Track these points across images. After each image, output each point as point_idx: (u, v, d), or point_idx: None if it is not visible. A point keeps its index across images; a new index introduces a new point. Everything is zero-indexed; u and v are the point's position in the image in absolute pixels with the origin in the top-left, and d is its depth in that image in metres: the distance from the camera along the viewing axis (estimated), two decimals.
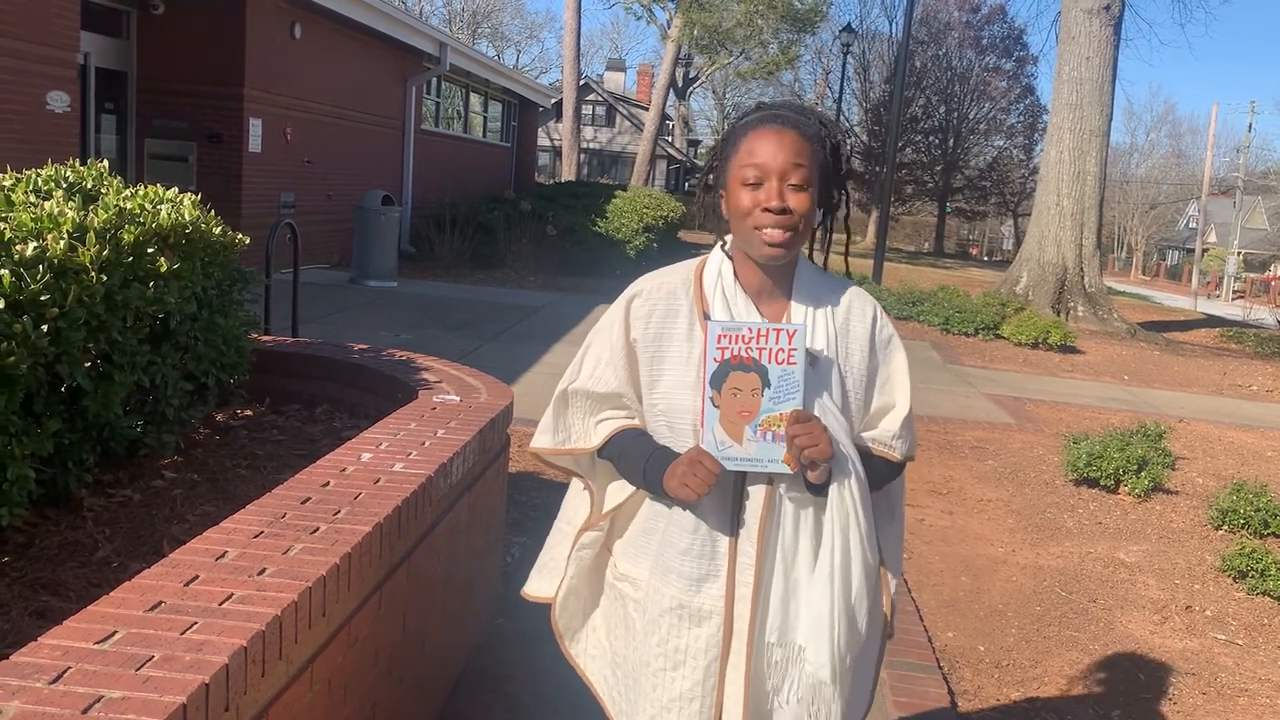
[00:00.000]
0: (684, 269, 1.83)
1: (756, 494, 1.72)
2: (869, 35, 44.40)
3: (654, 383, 1.76)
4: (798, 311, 1.75)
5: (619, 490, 1.88)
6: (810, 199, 1.68)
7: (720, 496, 1.72)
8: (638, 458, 1.78)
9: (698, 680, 1.77)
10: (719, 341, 1.61)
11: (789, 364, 1.62)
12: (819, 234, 1.87)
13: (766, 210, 1.66)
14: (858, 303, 1.81)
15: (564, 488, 2.05)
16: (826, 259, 1.88)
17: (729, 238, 1.79)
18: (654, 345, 1.77)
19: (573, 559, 1.93)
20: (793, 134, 1.68)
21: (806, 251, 1.84)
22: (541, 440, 1.92)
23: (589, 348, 1.87)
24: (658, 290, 1.80)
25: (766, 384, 1.62)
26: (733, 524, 1.73)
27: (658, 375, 1.76)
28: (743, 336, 1.61)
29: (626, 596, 1.87)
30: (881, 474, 1.81)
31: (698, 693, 1.77)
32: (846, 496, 1.69)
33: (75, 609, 1.80)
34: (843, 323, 1.77)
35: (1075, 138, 15.77)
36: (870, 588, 1.76)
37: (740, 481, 1.72)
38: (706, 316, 1.75)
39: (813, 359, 1.70)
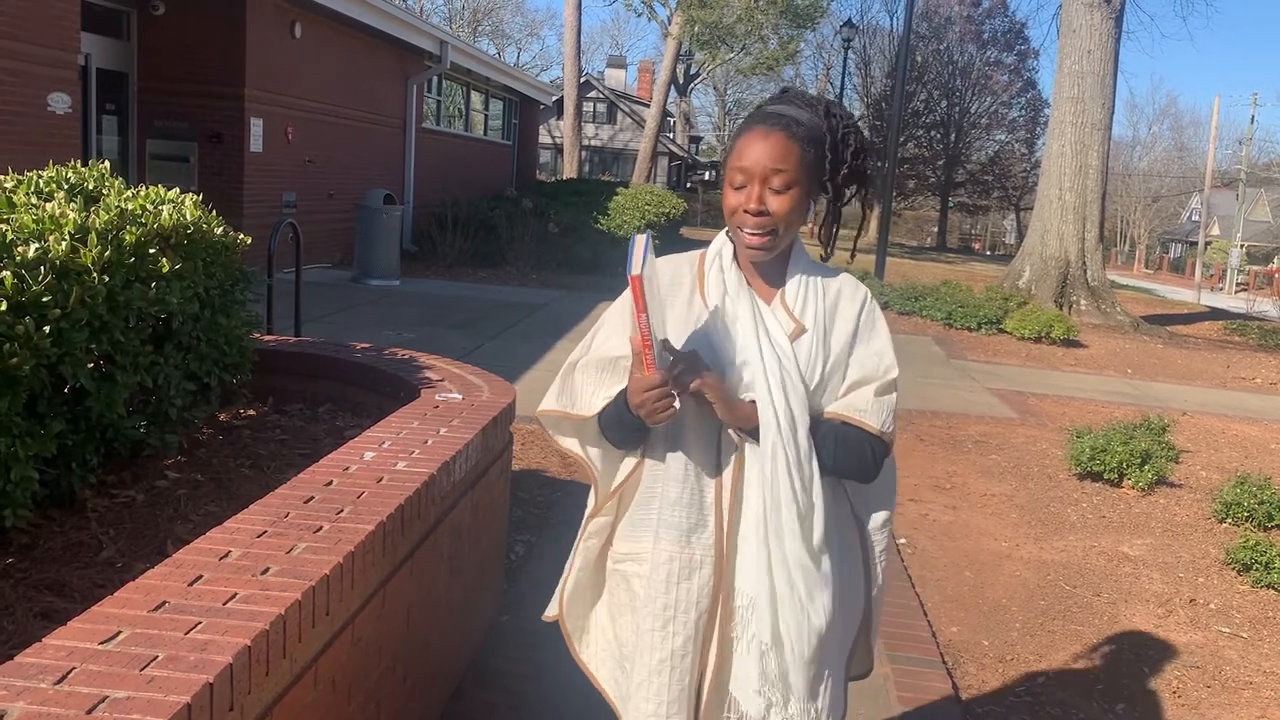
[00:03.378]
0: (693, 252, 1.93)
1: (730, 441, 1.79)
2: (870, 30, 44.37)
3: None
4: (791, 290, 1.82)
5: (623, 467, 1.91)
6: (791, 200, 1.74)
7: (707, 442, 1.79)
8: (622, 400, 1.80)
9: (689, 635, 1.80)
10: (650, 286, 1.62)
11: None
12: (823, 226, 1.94)
13: (746, 212, 1.74)
14: (848, 288, 1.87)
15: (568, 485, 2.06)
16: (831, 250, 1.94)
17: None
18: (657, 312, 1.81)
19: (580, 549, 1.95)
20: (779, 136, 1.73)
21: (819, 242, 1.95)
22: (546, 403, 1.93)
23: (601, 325, 1.93)
24: (664, 265, 1.90)
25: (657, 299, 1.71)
26: (717, 471, 1.80)
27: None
28: (646, 270, 1.63)
29: (630, 575, 1.88)
30: (858, 442, 1.81)
31: (689, 649, 1.81)
32: (776, 453, 1.73)
33: (79, 609, 1.80)
34: (832, 303, 1.84)
35: (1077, 131, 15.73)
36: (818, 552, 1.77)
37: (722, 431, 1.79)
38: (705, 290, 1.84)
39: (800, 332, 1.80)
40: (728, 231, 1.87)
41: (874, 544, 1.95)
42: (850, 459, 1.81)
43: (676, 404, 1.68)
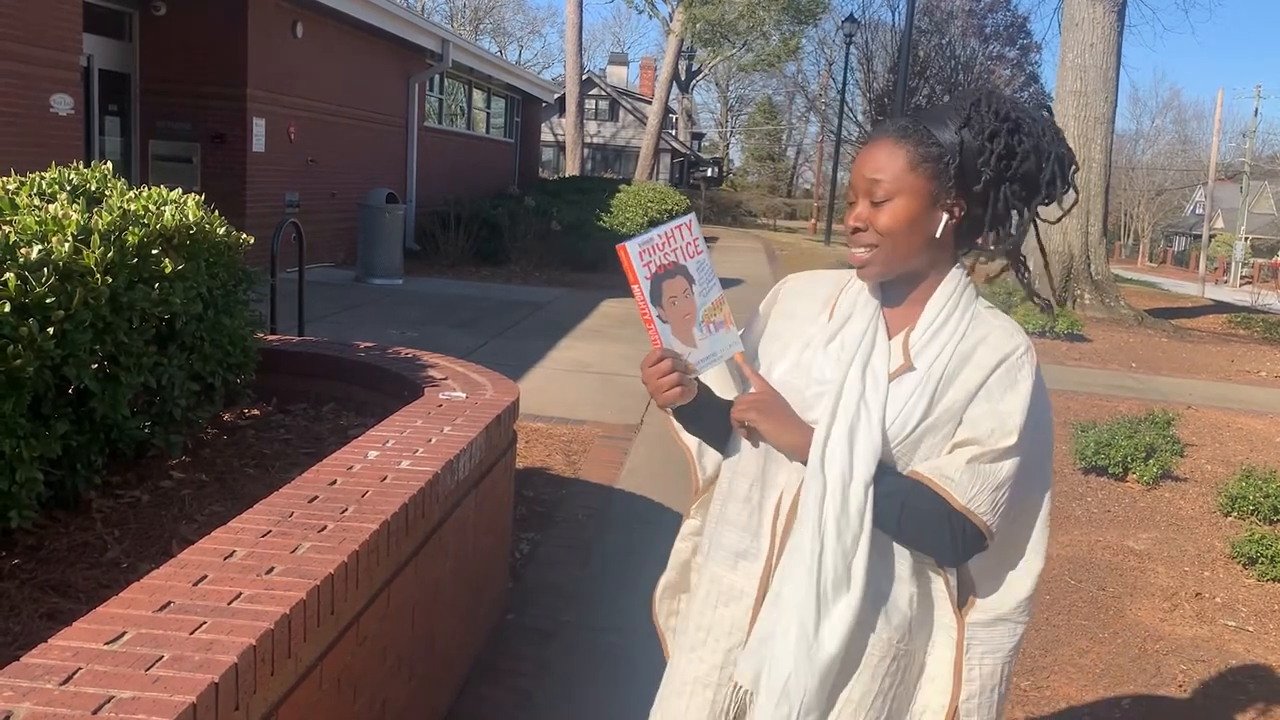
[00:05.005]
0: (842, 271, 1.74)
1: (794, 477, 1.61)
2: (871, 25, 44.25)
3: (773, 365, 1.68)
4: (922, 324, 1.60)
5: (711, 458, 1.83)
6: (897, 213, 1.54)
7: (778, 465, 1.63)
8: None
9: (715, 665, 1.67)
10: (642, 258, 1.60)
11: (699, 253, 1.64)
12: (981, 244, 1.65)
13: (848, 229, 1.60)
14: (998, 336, 1.59)
15: (572, 483, 2.05)
16: (972, 269, 1.69)
17: None
18: (780, 321, 1.72)
19: (673, 549, 1.88)
20: (886, 144, 1.56)
21: (969, 267, 1.67)
22: None
23: None
24: (810, 277, 1.77)
25: (691, 280, 1.63)
26: (779, 503, 1.63)
27: (779, 355, 1.68)
28: (656, 245, 1.61)
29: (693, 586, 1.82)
30: (936, 515, 1.53)
31: (712, 679, 1.67)
32: (818, 508, 1.53)
33: (85, 610, 1.80)
34: (968, 349, 1.57)
35: (1080, 125, 15.69)
36: (843, 637, 1.53)
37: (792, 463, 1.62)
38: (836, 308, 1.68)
39: (905, 370, 1.58)
40: None
41: (971, 642, 1.63)
42: (921, 532, 1.55)
43: (685, 388, 1.59)
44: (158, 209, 3.05)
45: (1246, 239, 49.95)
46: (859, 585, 1.52)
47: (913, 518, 1.53)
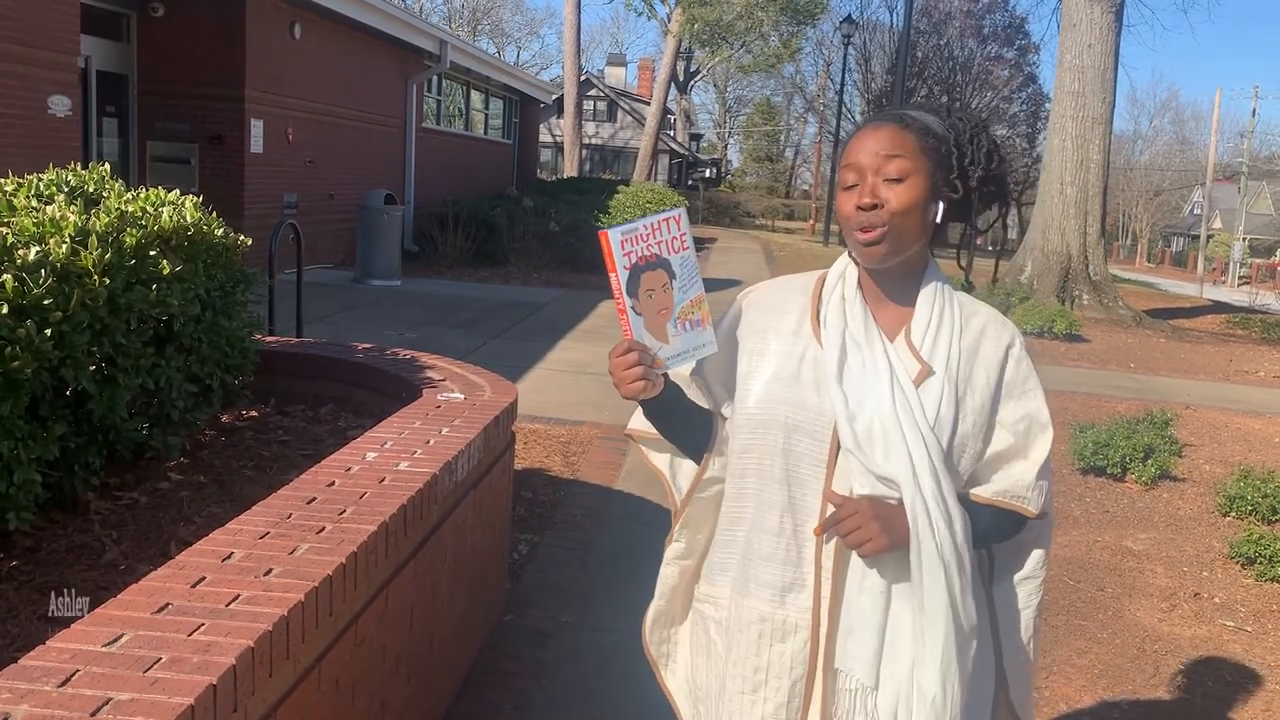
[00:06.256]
0: (810, 274, 1.74)
1: (821, 500, 1.60)
2: (870, 26, 44.34)
3: (749, 374, 1.66)
4: (919, 322, 1.60)
5: (686, 477, 1.80)
6: (910, 192, 1.54)
7: (806, 489, 1.60)
8: None
9: (781, 703, 1.63)
10: (623, 247, 1.57)
11: (684, 249, 1.62)
12: (961, 245, 1.71)
13: (860, 208, 1.55)
14: (994, 326, 1.64)
15: (570, 484, 2.04)
16: (969, 267, 1.72)
17: None
18: (757, 337, 1.68)
19: (660, 575, 1.83)
20: (891, 128, 1.57)
21: (957, 264, 1.72)
22: (633, 423, 1.83)
23: None
24: (775, 287, 1.74)
25: (672, 275, 1.60)
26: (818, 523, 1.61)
27: (755, 367, 1.66)
28: (640, 236, 1.59)
29: (708, 618, 1.75)
30: (1005, 528, 1.67)
31: (781, 715, 1.63)
32: (928, 547, 1.54)
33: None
34: (971, 344, 1.61)
35: (1078, 125, 15.71)
36: (964, 657, 1.58)
37: (827, 483, 1.60)
38: (819, 318, 1.64)
39: (926, 376, 1.58)
40: (850, 252, 1.66)
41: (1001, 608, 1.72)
42: (1010, 544, 1.70)
43: (650, 382, 1.56)
44: (155, 210, 3.05)
45: (1244, 239, 50.02)
46: (976, 600, 1.59)
47: (1000, 537, 1.67)
